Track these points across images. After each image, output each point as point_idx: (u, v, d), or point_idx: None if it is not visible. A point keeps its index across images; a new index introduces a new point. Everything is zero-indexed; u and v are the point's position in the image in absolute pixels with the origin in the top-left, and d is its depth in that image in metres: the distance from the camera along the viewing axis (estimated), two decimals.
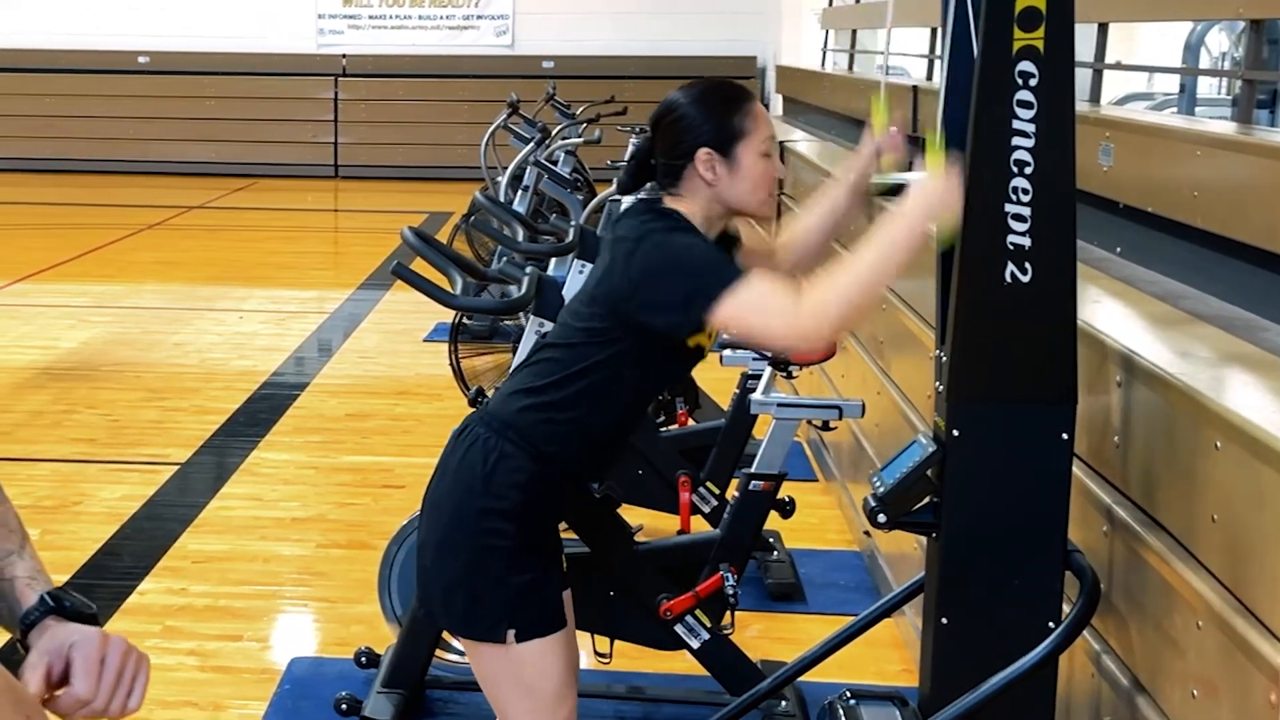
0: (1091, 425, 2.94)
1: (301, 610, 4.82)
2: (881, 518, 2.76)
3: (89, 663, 1.56)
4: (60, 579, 4.80)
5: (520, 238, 5.24)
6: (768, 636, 4.60)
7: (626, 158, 2.84)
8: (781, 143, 8.28)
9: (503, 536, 2.73)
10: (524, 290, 3.98)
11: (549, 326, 4.23)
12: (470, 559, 2.74)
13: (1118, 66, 7.87)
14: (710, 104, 2.77)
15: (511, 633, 2.73)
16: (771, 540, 5.09)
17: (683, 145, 2.74)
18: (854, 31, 13.16)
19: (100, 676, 1.56)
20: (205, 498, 5.77)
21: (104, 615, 4.58)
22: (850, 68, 13.01)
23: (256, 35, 18.17)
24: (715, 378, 5.12)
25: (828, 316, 2.52)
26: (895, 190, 2.76)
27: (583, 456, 2.82)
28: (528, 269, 4.08)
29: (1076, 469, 2.93)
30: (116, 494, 5.79)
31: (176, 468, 6.16)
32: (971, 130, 2.56)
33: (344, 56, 18.33)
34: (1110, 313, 3.34)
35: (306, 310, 9.83)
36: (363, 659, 4.22)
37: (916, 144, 2.80)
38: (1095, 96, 6.06)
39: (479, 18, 18.47)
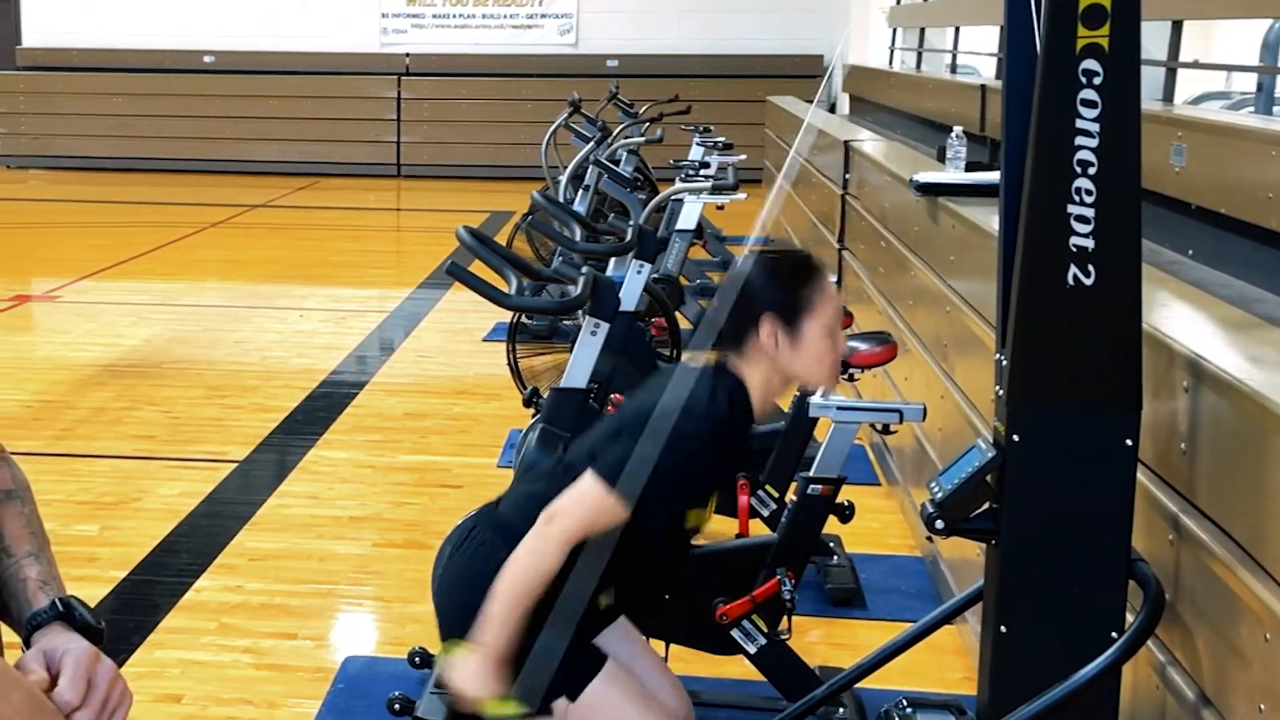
0: (1158, 431, 2.88)
1: (356, 609, 4.81)
2: (939, 524, 2.71)
3: (78, 672, 1.54)
4: (119, 575, 4.87)
5: (579, 237, 5.21)
6: (827, 642, 4.55)
7: (691, 320, 2.88)
8: (846, 142, 8.22)
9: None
10: (579, 290, 3.95)
11: (604, 327, 4.21)
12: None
13: (1192, 65, 7.75)
14: (780, 273, 2.78)
15: (561, 700, 2.75)
16: (832, 544, 5.04)
17: (748, 310, 2.74)
18: (922, 30, 13.08)
19: (87, 689, 1.53)
20: (263, 495, 5.77)
21: (160, 612, 4.63)
22: (918, 66, 12.92)
23: (321, 35, 18.26)
24: None
25: (538, 540, 2.63)
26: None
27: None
28: (584, 269, 4.05)
29: (1142, 476, 2.87)
30: (175, 491, 5.81)
31: (235, 465, 6.18)
32: (1033, 130, 2.50)
33: (407, 56, 18.39)
34: (1179, 316, 3.27)
35: (366, 309, 9.85)
36: (416, 659, 4.20)
37: None
38: (1169, 95, 5.97)
39: (543, 16, 18.47)
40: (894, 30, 14.11)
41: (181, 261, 11.85)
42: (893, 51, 13.99)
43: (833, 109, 16.42)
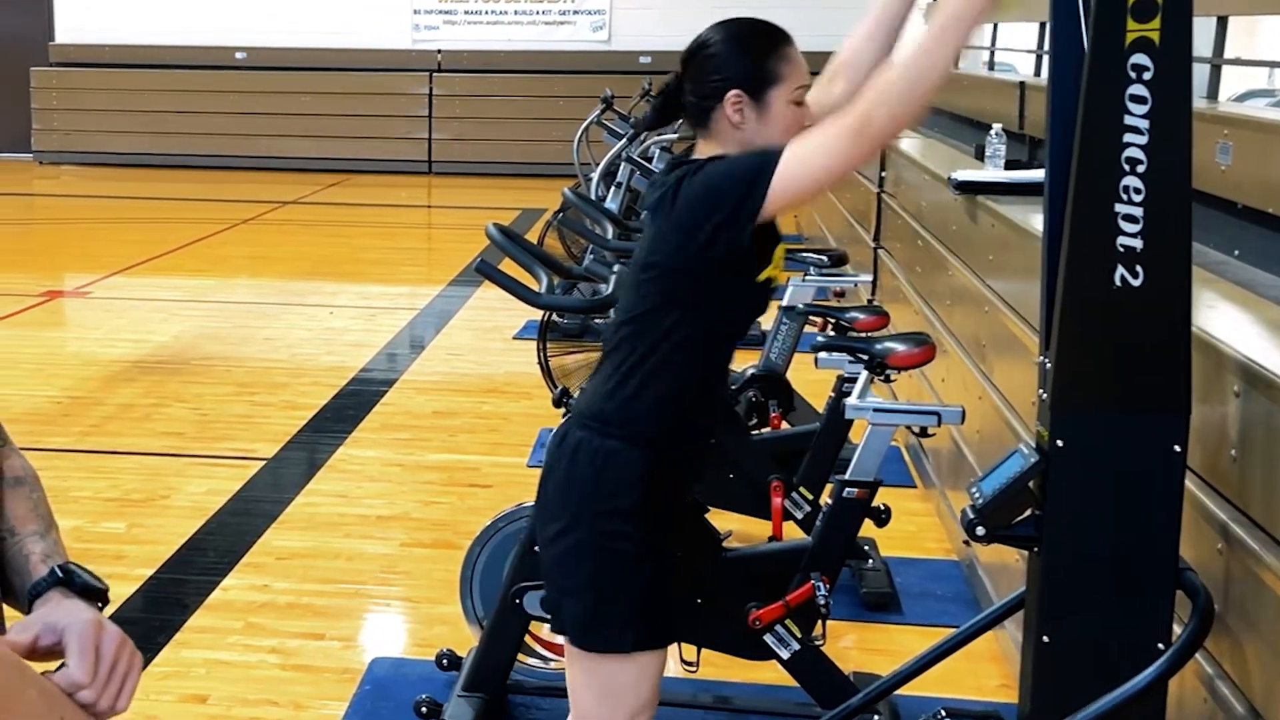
0: (1206, 437, 2.80)
1: (384, 610, 4.76)
2: (980, 530, 2.64)
3: (84, 646, 1.49)
4: (146, 573, 4.83)
5: (610, 235, 5.14)
6: (861, 647, 4.49)
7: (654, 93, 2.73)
8: None
9: (625, 539, 2.64)
10: (612, 289, 3.88)
11: None
12: (597, 566, 2.66)
13: (1237, 62, 7.65)
14: (744, 44, 2.67)
15: (632, 641, 2.65)
16: (866, 548, 4.96)
17: (712, 85, 2.64)
18: None
19: (96, 663, 1.48)
20: (291, 494, 5.73)
21: (187, 611, 4.59)
22: (955, 64, 12.80)
23: (352, 31, 18.24)
24: (809, 379, 5.00)
25: (879, 111, 2.39)
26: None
27: (683, 427, 2.71)
28: (615, 267, 3.98)
29: (1190, 483, 2.79)
30: (203, 488, 5.77)
31: (263, 463, 6.14)
32: (1080, 126, 2.42)
33: (439, 52, 18.35)
34: (1227, 318, 3.19)
35: (397, 306, 9.81)
36: (444, 661, 4.15)
37: None
38: (1213, 93, 5.88)
39: (575, 13, 18.41)
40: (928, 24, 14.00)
41: (212, 258, 11.84)
42: None
43: None
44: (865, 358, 3.95)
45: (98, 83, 18.44)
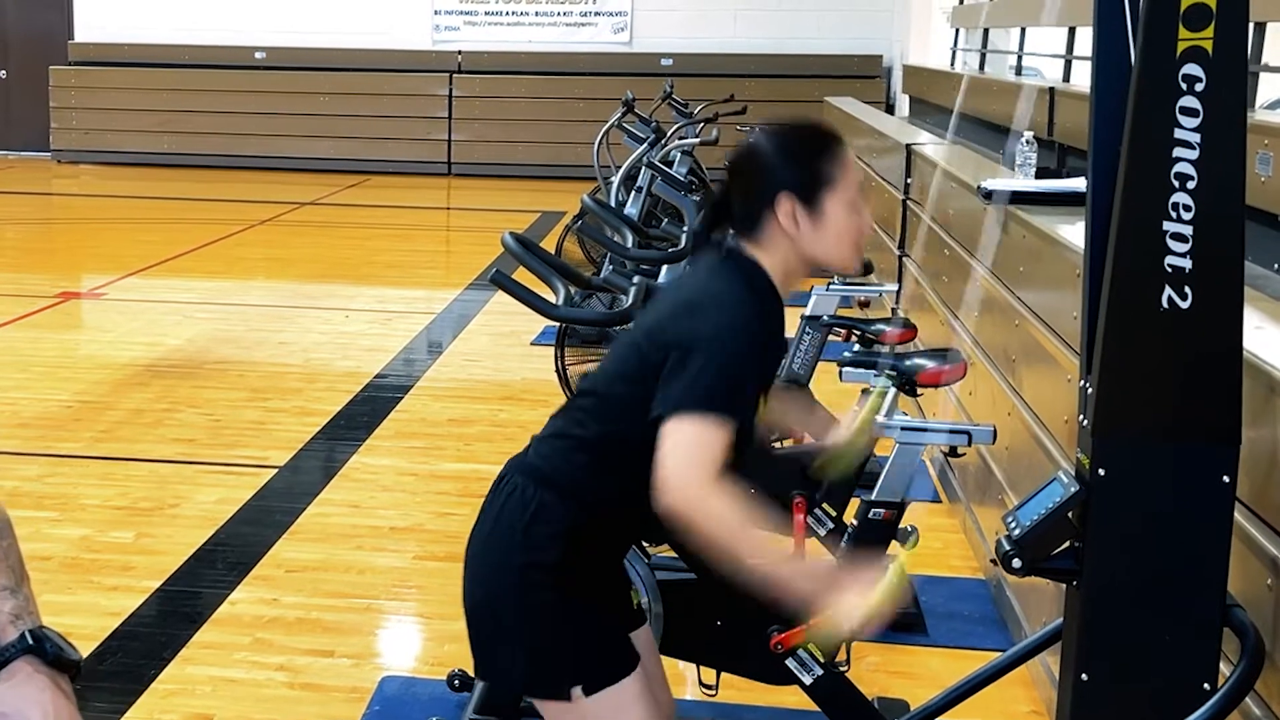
0: (1255, 465, 2.67)
1: (395, 626, 4.64)
2: (1017, 563, 2.52)
3: None
4: (152, 585, 4.72)
5: (630, 243, 5.02)
6: (885, 670, 4.36)
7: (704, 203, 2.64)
8: (908, 145, 8.01)
9: (547, 589, 2.54)
10: (630, 301, 3.76)
11: None
12: (520, 616, 2.56)
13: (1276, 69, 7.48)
14: (795, 147, 2.55)
15: (578, 689, 2.54)
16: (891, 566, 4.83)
17: (763, 190, 2.51)
18: (985, 30, 12.83)
19: None
20: (302, 504, 5.62)
21: (195, 626, 4.48)
22: (981, 68, 12.68)
23: (373, 32, 18.16)
24: (835, 390, 4.87)
25: (692, 512, 2.33)
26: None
27: (624, 508, 2.60)
28: (635, 278, 3.86)
29: (1238, 514, 2.67)
30: (213, 497, 5.67)
31: (275, 471, 6.03)
32: (1127, 140, 2.30)
33: (459, 53, 18.26)
34: (1275, 339, 3.05)
35: (413, 310, 9.71)
36: (456, 682, 4.03)
37: None
38: (1249, 101, 5.75)
39: (597, 14, 18.31)
40: (956, 31, 13.86)
41: (228, 259, 11.75)
42: (955, 52, 13.74)
43: (891, 110, 16.19)
44: (894, 374, 3.83)
45: (117, 81, 18.38)
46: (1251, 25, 5.52)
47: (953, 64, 13.72)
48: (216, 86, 18.08)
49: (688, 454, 2.34)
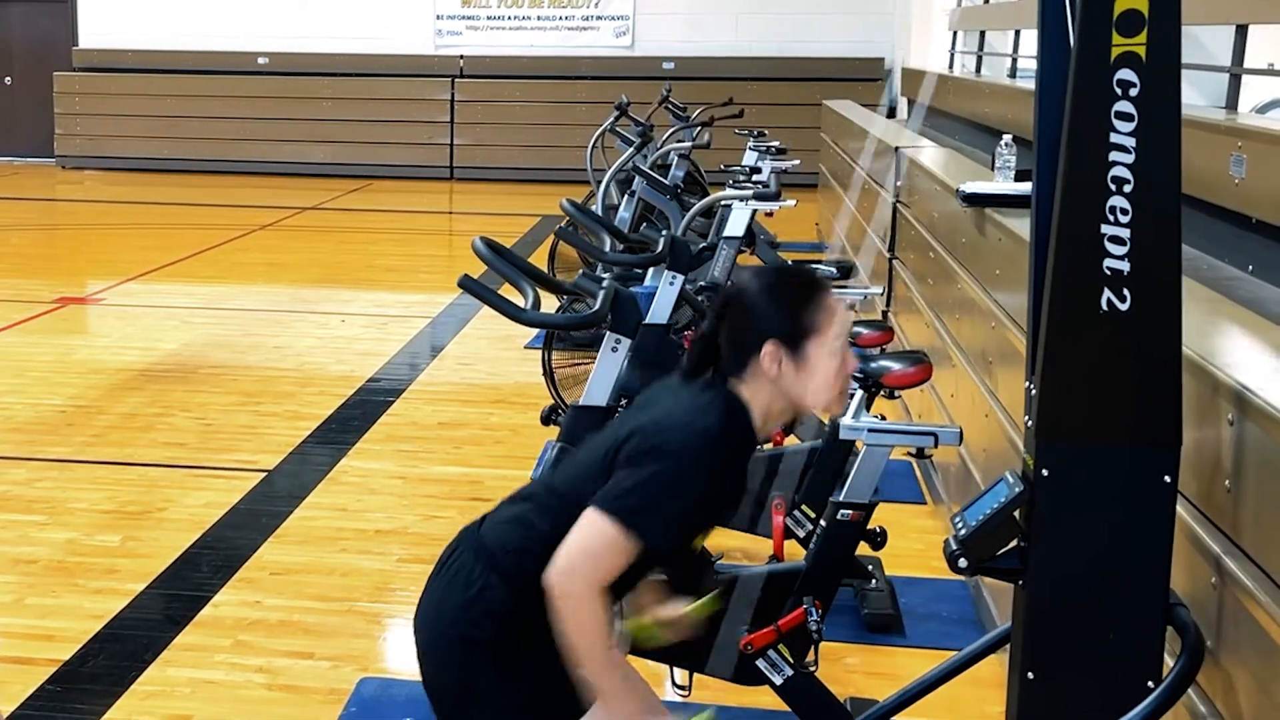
0: (1201, 465, 2.70)
1: (375, 628, 4.67)
2: (962, 562, 2.55)
3: None
4: (136, 588, 4.76)
5: (608, 247, 5.05)
6: (863, 670, 4.39)
7: (692, 340, 2.69)
8: (897, 148, 8.03)
9: (487, 668, 2.57)
10: (598, 305, 3.79)
11: (626, 343, 4.05)
12: (460, 677, 2.60)
13: (1259, 71, 7.49)
14: (781, 294, 2.59)
15: None
16: (871, 567, 4.85)
17: (749, 335, 2.56)
18: (982, 33, 12.85)
19: None
20: (289, 507, 5.66)
21: (177, 628, 4.53)
22: (978, 70, 12.69)
23: (375, 37, 18.22)
24: None
25: (564, 600, 2.43)
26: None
27: None
28: (605, 281, 3.89)
29: (1185, 514, 2.69)
30: (201, 500, 5.71)
31: (264, 475, 6.07)
32: (1064, 144, 2.33)
33: (461, 58, 18.31)
34: (1227, 341, 3.08)
35: (410, 314, 9.74)
36: None
37: None
38: (1232, 103, 5.76)
39: (598, 18, 18.35)
40: (954, 34, 13.88)
41: (227, 264, 11.80)
42: (953, 55, 13.76)
43: (892, 113, 16.20)
44: (860, 376, 3.86)
45: (120, 88, 18.46)
46: (1233, 28, 5.55)
47: (951, 67, 13.74)
48: (219, 92, 18.15)
49: (586, 548, 2.43)
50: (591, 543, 2.43)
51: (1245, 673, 2.49)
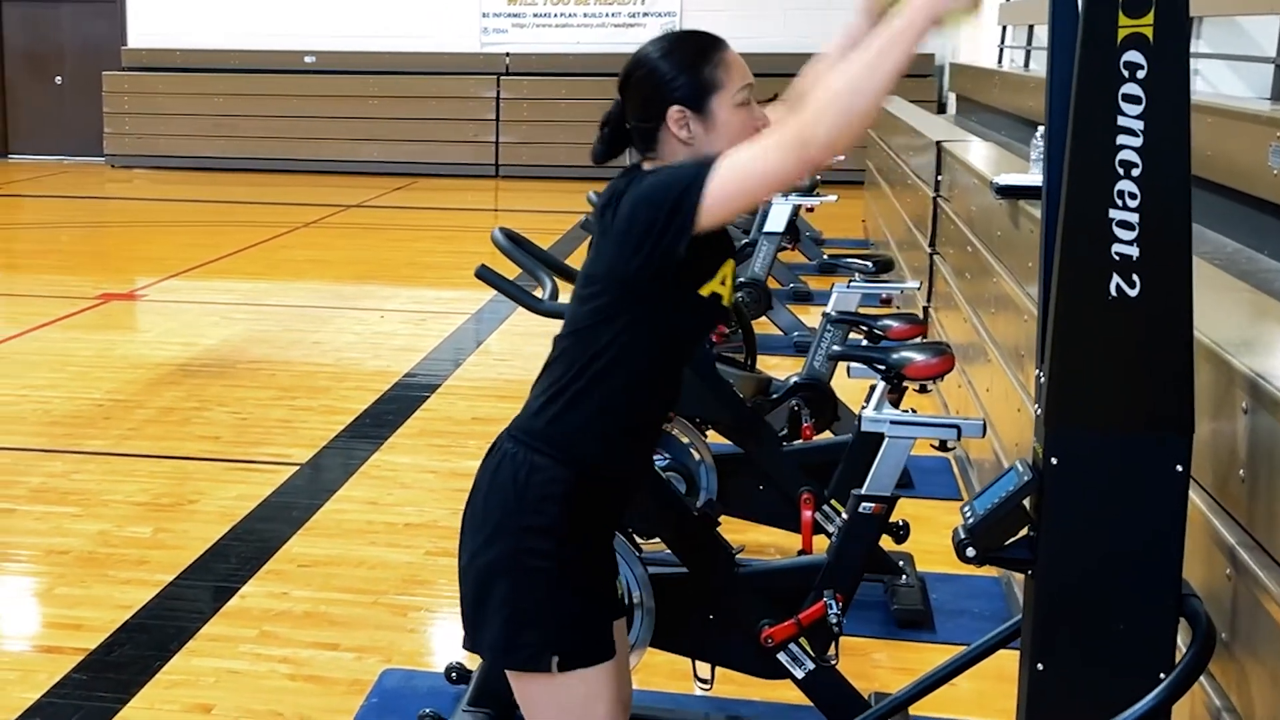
0: (1218, 455, 2.66)
1: (401, 620, 4.67)
2: (970, 551, 2.51)
3: None
4: (165, 579, 4.78)
5: None
6: (891, 666, 4.35)
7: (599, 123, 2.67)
8: (938, 143, 7.97)
9: (544, 557, 2.52)
10: None
11: None
12: (512, 583, 2.54)
13: None
14: (677, 57, 2.55)
15: (555, 660, 2.53)
16: (902, 563, 4.82)
17: (652, 106, 2.53)
18: (1030, 27, 12.75)
19: None
20: (320, 500, 5.68)
21: (203, 618, 4.54)
22: (1026, 65, 12.59)
23: (421, 35, 18.28)
24: (860, 387, 4.86)
25: (821, 124, 2.28)
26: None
27: (615, 449, 2.60)
28: None
29: (1201, 504, 2.65)
30: (233, 493, 5.74)
31: (296, 468, 6.09)
32: (1071, 129, 2.29)
33: (507, 55, 18.34)
34: (1248, 330, 3.03)
35: (449, 311, 9.75)
36: (453, 674, 4.08)
37: None
38: (1278, 94, 5.69)
39: (645, 15, 18.35)
40: (1003, 28, 13.77)
41: (269, 261, 11.86)
42: (1001, 50, 13.65)
43: (942, 109, 16.10)
44: (882, 367, 3.83)
45: (169, 87, 18.60)
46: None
47: (1000, 61, 13.64)
48: (267, 91, 18.26)
49: (749, 168, 2.35)
50: (729, 178, 2.35)
51: (1260, 666, 2.45)
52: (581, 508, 2.55)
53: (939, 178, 8.02)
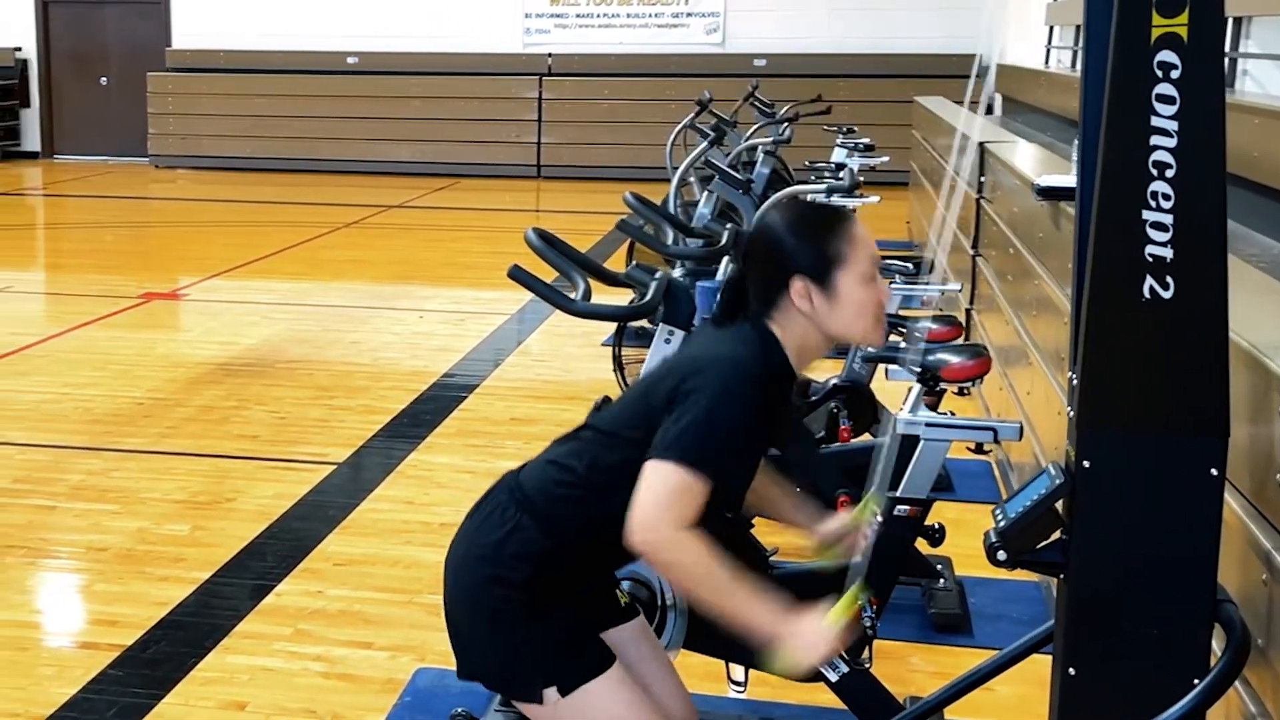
0: (1255, 458, 2.63)
1: (436, 619, 4.63)
2: (1001, 555, 2.49)
3: None
4: (201, 576, 4.80)
5: (671, 240, 5.03)
6: (926, 670, 4.33)
7: (720, 284, 2.75)
8: (981, 144, 7.93)
9: (512, 601, 2.61)
10: (650, 295, 3.77)
11: (679, 335, 4.01)
12: (488, 623, 2.63)
13: None
14: (804, 228, 2.60)
15: (552, 690, 2.59)
16: (940, 566, 4.78)
17: (776, 274, 2.58)
18: (1077, 27, 12.65)
19: None
20: (357, 499, 5.69)
21: (239, 616, 4.55)
22: (1073, 65, 12.50)
23: (463, 35, 18.32)
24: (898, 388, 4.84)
25: (657, 553, 2.45)
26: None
27: (601, 548, 2.65)
28: (658, 273, 3.87)
29: (1238, 509, 2.62)
30: (270, 492, 5.75)
31: (334, 468, 6.10)
32: (1104, 128, 2.27)
33: (549, 56, 18.35)
34: None
35: (488, 311, 9.75)
36: None
37: None
38: None
39: (689, 15, 18.31)
40: (1050, 28, 13.68)
41: (310, 261, 11.91)
42: (1049, 50, 13.57)
43: (990, 110, 16.01)
44: (918, 370, 3.80)
45: (212, 88, 18.71)
46: None
47: (1046, 62, 13.56)
48: (309, 91, 18.34)
49: (658, 499, 2.43)
50: (660, 492, 2.43)
51: None
52: (549, 574, 2.62)
53: (982, 179, 7.98)
